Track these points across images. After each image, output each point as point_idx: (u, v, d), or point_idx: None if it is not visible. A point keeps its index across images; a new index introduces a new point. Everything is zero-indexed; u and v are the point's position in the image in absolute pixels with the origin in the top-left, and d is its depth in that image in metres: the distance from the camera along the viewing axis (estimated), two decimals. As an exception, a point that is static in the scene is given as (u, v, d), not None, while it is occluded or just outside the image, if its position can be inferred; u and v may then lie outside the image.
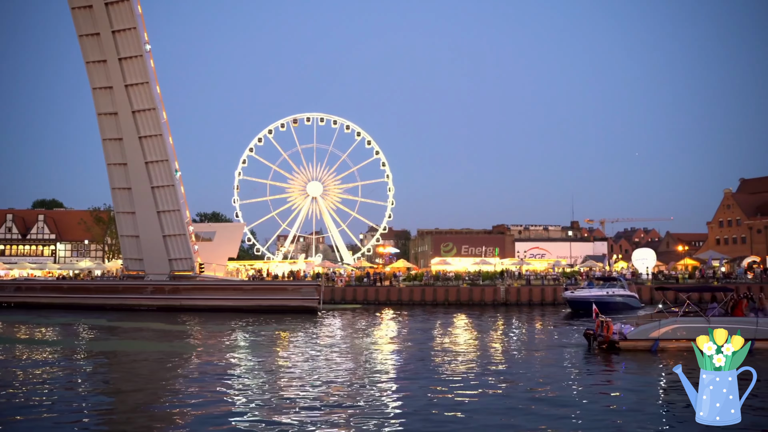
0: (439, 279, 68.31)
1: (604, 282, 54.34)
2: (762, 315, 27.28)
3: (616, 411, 16.79)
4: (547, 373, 22.43)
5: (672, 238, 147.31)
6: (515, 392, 18.61)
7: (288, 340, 33.78)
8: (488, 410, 16.12)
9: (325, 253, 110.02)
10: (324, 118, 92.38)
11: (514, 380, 20.56)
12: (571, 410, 16.27)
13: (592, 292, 50.00)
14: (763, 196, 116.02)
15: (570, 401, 17.55)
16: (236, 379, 21.06)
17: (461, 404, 16.90)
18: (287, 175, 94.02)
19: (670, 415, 15.96)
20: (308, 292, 54.15)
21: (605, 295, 49.88)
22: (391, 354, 27.64)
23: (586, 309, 47.89)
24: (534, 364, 24.63)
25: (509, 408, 16.40)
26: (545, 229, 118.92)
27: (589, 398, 18.08)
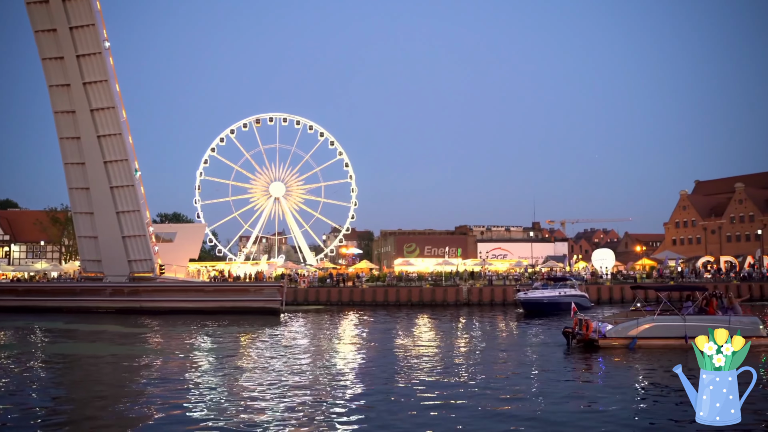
0: (402, 279, 68.47)
1: (555, 282, 54.53)
2: (732, 313, 28.04)
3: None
4: (530, 372, 22.61)
5: (630, 238, 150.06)
6: (504, 393, 18.60)
7: (250, 341, 33.50)
8: (482, 413, 16.07)
9: (288, 254, 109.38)
10: (287, 119, 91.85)
11: (498, 381, 20.64)
12: (571, 411, 16.45)
13: (545, 293, 50.36)
14: (717, 198, 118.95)
15: (567, 402, 17.77)
16: (196, 382, 20.80)
17: (441, 407, 16.90)
18: (249, 176, 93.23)
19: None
20: (270, 293, 53.80)
21: (557, 295, 50.25)
22: (354, 355, 27.60)
23: (539, 310, 48.27)
24: (514, 363, 24.68)
25: (501, 409, 16.42)
26: (507, 229, 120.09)
27: (586, 398, 18.28)
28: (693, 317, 27.45)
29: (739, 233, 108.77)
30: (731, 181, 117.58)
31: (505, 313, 50.46)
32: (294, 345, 31.13)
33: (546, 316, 45.94)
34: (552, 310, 48.01)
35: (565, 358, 26.05)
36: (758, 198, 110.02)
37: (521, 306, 50.77)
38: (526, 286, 57.42)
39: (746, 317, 28.33)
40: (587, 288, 61.64)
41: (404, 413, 15.96)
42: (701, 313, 28.25)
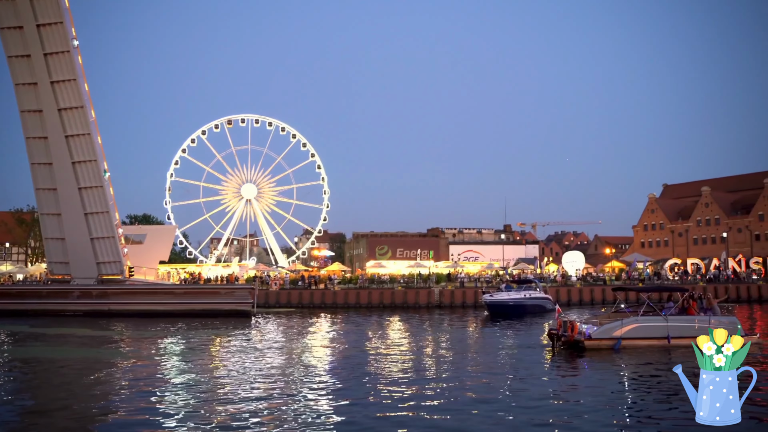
0: (374, 282, 68.44)
1: (520, 284, 54.53)
2: (711, 314, 28.65)
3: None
4: (521, 373, 22.72)
5: (600, 241, 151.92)
6: (495, 395, 18.46)
7: (221, 344, 33.21)
8: (476, 416, 16.00)
9: (260, 256, 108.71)
10: (259, 120, 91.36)
11: (486, 382, 20.63)
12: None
13: (510, 296, 50.26)
14: (684, 201, 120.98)
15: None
16: (166, 386, 20.54)
17: (416, 408, 16.90)
18: (221, 177, 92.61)
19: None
20: (242, 295, 53.42)
21: (523, 298, 50.31)
22: (326, 358, 27.51)
23: (505, 312, 48.00)
24: (504, 365, 24.66)
25: (498, 413, 16.34)
26: (479, 232, 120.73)
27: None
28: (674, 318, 28.09)
29: (706, 236, 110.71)
30: (698, 185, 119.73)
31: (476, 316, 50.64)
32: (265, 347, 30.91)
33: (511, 318, 45.91)
34: (517, 313, 48.10)
35: (552, 360, 26.11)
36: (724, 201, 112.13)
37: (487, 308, 50.54)
38: (492, 288, 57.46)
39: (725, 317, 29.00)
40: (557, 290, 62.26)
41: (377, 415, 15.93)
42: (682, 313, 28.83)
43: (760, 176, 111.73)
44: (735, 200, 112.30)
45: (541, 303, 51.60)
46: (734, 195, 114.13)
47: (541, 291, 53.86)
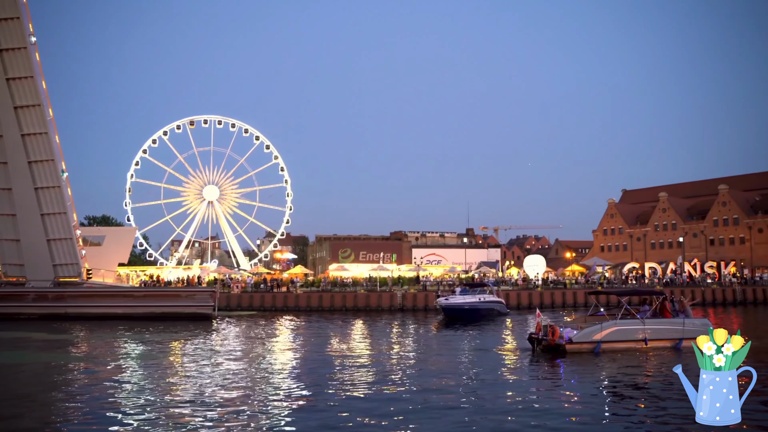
0: (336, 285, 68.30)
1: (475, 288, 54.19)
2: (683, 316, 29.41)
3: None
4: (505, 378, 22.82)
5: (561, 245, 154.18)
6: (484, 403, 18.25)
7: (180, 348, 32.78)
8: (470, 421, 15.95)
9: (221, 259, 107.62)
10: (222, 121, 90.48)
11: (473, 389, 20.48)
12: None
13: (466, 299, 49.84)
14: (643, 207, 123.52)
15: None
16: (124, 390, 20.18)
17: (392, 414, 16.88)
18: (182, 179, 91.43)
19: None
20: (203, 298, 52.82)
21: (478, 301, 49.89)
22: (287, 361, 27.34)
23: (461, 316, 47.66)
24: (484, 370, 24.58)
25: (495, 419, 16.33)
26: (442, 235, 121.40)
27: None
28: (651, 321, 28.72)
29: (663, 240, 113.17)
30: (656, 191, 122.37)
31: (438, 320, 50.81)
32: (226, 351, 30.63)
33: (467, 321, 45.65)
34: (472, 316, 47.83)
35: (533, 363, 26.18)
36: (680, 207, 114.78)
37: (442, 312, 49.96)
38: (446, 292, 57.16)
39: (698, 319, 30.03)
40: (518, 293, 62.93)
41: (336, 418, 15.91)
42: (656, 316, 29.42)
43: (714, 183, 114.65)
44: (691, 206, 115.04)
45: (495, 306, 51.43)
46: (690, 201, 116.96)
47: (495, 294, 53.63)
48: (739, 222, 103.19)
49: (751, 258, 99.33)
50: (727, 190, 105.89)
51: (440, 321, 47.85)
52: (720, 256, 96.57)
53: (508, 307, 59.82)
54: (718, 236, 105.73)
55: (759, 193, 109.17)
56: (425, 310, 58.98)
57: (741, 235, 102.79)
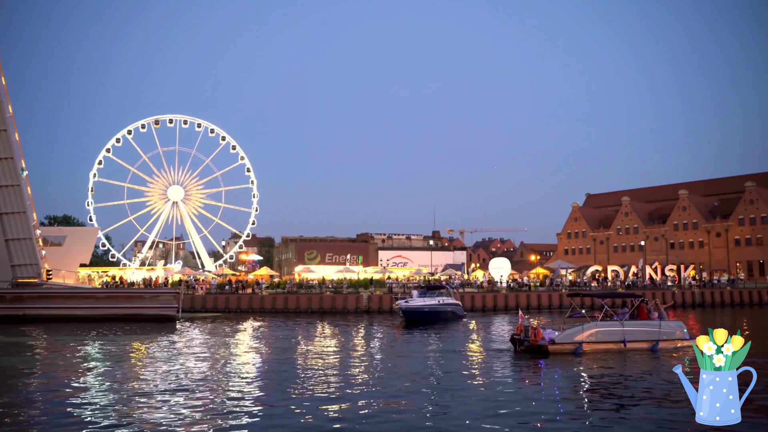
0: (302, 287, 68.07)
1: (433, 290, 53.65)
2: (659, 318, 30.20)
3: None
4: (498, 378, 22.93)
5: (526, 248, 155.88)
6: (478, 405, 18.14)
7: (143, 350, 32.35)
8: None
9: (186, 260, 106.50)
10: (187, 121, 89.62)
11: (462, 390, 20.48)
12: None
13: (426, 302, 49.17)
14: (606, 210, 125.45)
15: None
16: (84, 394, 19.84)
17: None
18: (147, 178, 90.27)
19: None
20: (166, 299, 52.12)
21: (437, 304, 49.37)
22: (251, 363, 27.17)
23: (421, 319, 46.90)
24: (474, 370, 24.67)
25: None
26: (408, 238, 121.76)
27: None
28: (629, 322, 29.39)
29: (625, 244, 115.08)
30: (618, 195, 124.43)
31: (397, 322, 50.84)
32: (189, 353, 30.30)
33: (426, 324, 45.12)
34: (432, 319, 47.32)
35: (516, 364, 26.36)
36: (642, 211, 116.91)
37: (402, 315, 48.78)
38: (405, 294, 56.55)
39: (673, 321, 30.89)
40: (483, 296, 63.39)
41: (303, 423, 15.88)
42: (634, 318, 30.10)
43: (675, 188, 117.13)
44: (652, 210, 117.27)
45: (454, 309, 51.01)
46: (652, 205, 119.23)
47: (453, 297, 53.14)
48: (698, 226, 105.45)
49: (710, 261, 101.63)
50: (687, 195, 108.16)
51: (399, 324, 47.12)
52: (680, 259, 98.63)
53: (474, 310, 60.30)
54: (678, 240, 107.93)
55: (717, 198, 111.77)
56: (391, 312, 59.02)
57: (700, 239, 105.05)
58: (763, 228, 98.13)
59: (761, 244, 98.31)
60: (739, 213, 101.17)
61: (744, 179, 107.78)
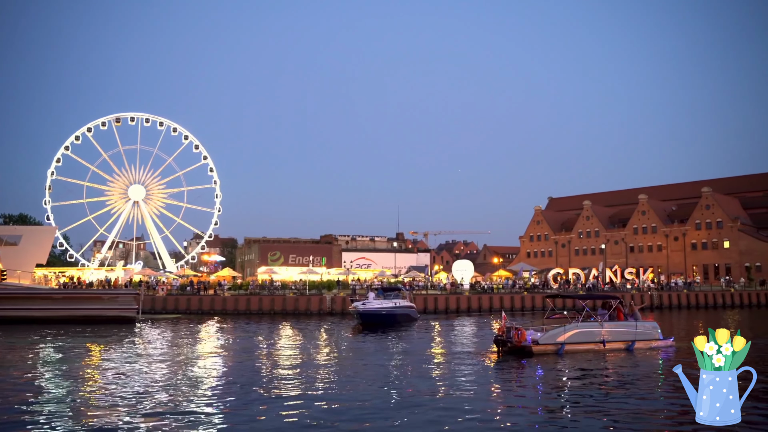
0: (265, 288, 67.58)
1: (389, 292, 52.50)
2: (632, 319, 31.11)
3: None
4: (487, 379, 23.08)
5: (489, 250, 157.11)
6: (479, 406, 18.09)
7: (101, 353, 31.72)
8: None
9: (146, 261, 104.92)
10: (150, 119, 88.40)
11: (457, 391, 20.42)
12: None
13: (384, 304, 47.93)
14: (568, 214, 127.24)
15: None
16: (39, 398, 19.38)
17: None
18: (107, 177, 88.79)
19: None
20: (126, 301, 51.27)
21: (394, 306, 48.26)
22: (212, 365, 26.83)
23: (378, 321, 45.74)
24: (461, 372, 24.53)
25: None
26: (372, 239, 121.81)
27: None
28: (608, 323, 30.09)
29: (586, 247, 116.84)
30: (580, 199, 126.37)
31: (353, 325, 50.66)
32: (148, 356, 29.82)
33: (384, 327, 44.35)
34: (389, 321, 46.29)
35: (499, 364, 26.59)
36: (602, 215, 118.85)
37: (359, 317, 46.90)
38: (359, 297, 55.47)
39: (648, 322, 31.96)
40: (447, 298, 63.67)
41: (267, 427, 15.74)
42: (611, 319, 30.69)
43: (634, 192, 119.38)
44: (613, 214, 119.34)
45: (409, 312, 50.15)
46: (612, 209, 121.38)
47: (407, 299, 52.22)
48: (657, 230, 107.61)
49: (668, 265, 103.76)
50: (647, 200, 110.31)
51: (356, 327, 46.10)
52: (639, 262, 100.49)
53: (437, 312, 60.54)
54: (638, 244, 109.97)
55: (675, 203, 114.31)
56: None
57: (658, 243, 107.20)
58: (719, 232, 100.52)
59: (716, 248, 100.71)
60: (696, 218, 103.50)
61: (701, 185, 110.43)
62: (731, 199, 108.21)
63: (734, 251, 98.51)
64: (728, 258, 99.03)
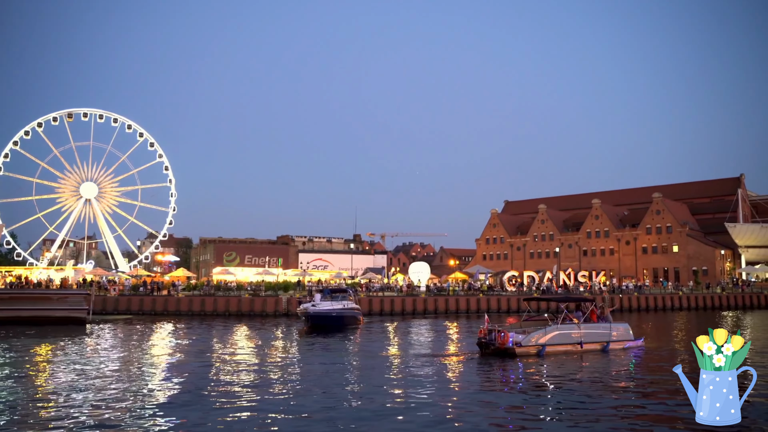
0: (220, 289, 66.84)
1: (336, 294, 50.93)
2: (605, 321, 32.02)
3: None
4: (474, 381, 23.14)
5: (445, 252, 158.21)
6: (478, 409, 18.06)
7: (49, 355, 30.94)
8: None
9: (98, 260, 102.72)
10: (103, 115, 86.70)
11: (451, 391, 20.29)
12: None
13: (334, 306, 46.53)
14: (523, 217, 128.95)
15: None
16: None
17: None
18: (58, 174, 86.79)
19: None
20: (76, 301, 50.10)
21: (343, 308, 46.96)
22: (164, 368, 26.40)
23: (327, 324, 44.49)
24: (447, 374, 24.62)
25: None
26: (329, 241, 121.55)
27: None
28: (585, 325, 30.87)
29: (541, 250, 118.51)
30: (536, 203, 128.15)
31: (301, 327, 50.28)
32: (99, 357, 29.20)
33: (332, 330, 43.46)
34: (338, 324, 45.21)
35: (481, 365, 26.83)
36: (557, 219, 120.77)
37: (309, 320, 44.79)
38: (306, 298, 54.33)
39: (620, 324, 32.89)
40: (403, 299, 63.90)
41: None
42: (587, 321, 31.41)
43: (588, 197, 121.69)
44: (567, 218, 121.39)
45: (355, 314, 49.10)
46: (566, 213, 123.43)
47: (354, 302, 50.93)
48: (609, 234, 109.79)
49: (619, 268, 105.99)
50: (600, 205, 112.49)
51: (303, 329, 44.72)
52: (592, 266, 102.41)
53: (393, 314, 60.70)
54: (591, 247, 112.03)
55: (627, 207, 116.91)
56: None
57: (611, 246, 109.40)
58: (668, 237, 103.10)
59: (666, 253, 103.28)
60: (647, 222, 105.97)
61: (652, 190, 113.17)
62: (680, 205, 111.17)
63: (682, 255, 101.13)
64: (676, 262, 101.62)
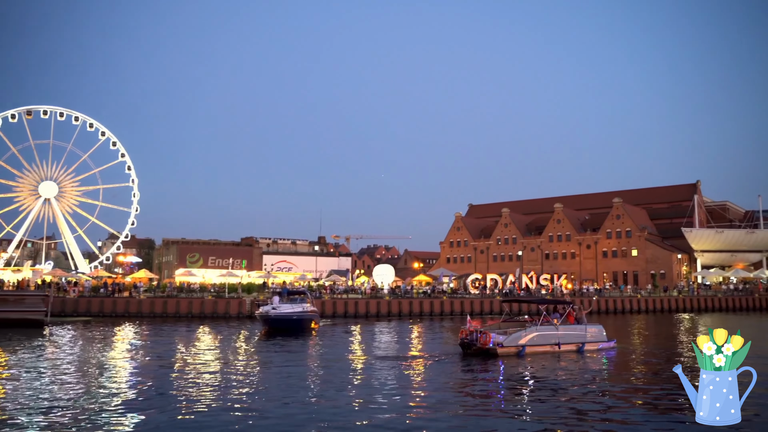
0: (183, 290, 66.19)
1: (294, 296, 50.46)
2: (580, 323, 32.97)
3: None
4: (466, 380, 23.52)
5: (410, 255, 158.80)
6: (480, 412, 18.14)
7: (4, 359, 30.36)
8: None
9: (57, 261, 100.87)
10: (64, 113, 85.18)
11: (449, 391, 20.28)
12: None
13: (295, 309, 45.90)
14: (487, 221, 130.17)
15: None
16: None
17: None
18: (15, 172, 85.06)
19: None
20: (34, 303, 49.15)
21: (302, 311, 46.24)
22: (124, 371, 26.13)
23: (286, 327, 43.82)
24: (436, 375, 24.75)
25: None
26: (293, 243, 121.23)
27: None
28: (563, 327, 31.78)
29: (504, 253, 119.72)
30: (499, 206, 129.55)
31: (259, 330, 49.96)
32: (57, 360, 28.76)
33: (291, 333, 42.74)
34: (297, 327, 44.54)
35: (470, 365, 27.21)
36: (520, 223, 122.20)
37: (267, 323, 44.27)
38: (265, 301, 53.71)
39: (595, 325, 33.80)
40: (367, 302, 64.08)
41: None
42: (564, 323, 32.31)
43: (550, 201, 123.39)
44: (530, 222, 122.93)
45: (313, 317, 48.24)
46: (529, 217, 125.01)
47: (312, 304, 50.24)
48: (570, 238, 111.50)
49: (580, 271, 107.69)
50: (562, 209, 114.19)
51: (262, 332, 44.06)
52: (554, 269, 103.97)
53: (357, 316, 60.84)
54: (553, 251, 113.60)
55: (588, 212, 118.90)
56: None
57: (572, 250, 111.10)
58: (627, 241, 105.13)
59: (625, 257, 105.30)
60: (607, 227, 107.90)
61: (612, 195, 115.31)
62: (639, 210, 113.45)
63: (641, 259, 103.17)
64: (636, 266, 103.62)
